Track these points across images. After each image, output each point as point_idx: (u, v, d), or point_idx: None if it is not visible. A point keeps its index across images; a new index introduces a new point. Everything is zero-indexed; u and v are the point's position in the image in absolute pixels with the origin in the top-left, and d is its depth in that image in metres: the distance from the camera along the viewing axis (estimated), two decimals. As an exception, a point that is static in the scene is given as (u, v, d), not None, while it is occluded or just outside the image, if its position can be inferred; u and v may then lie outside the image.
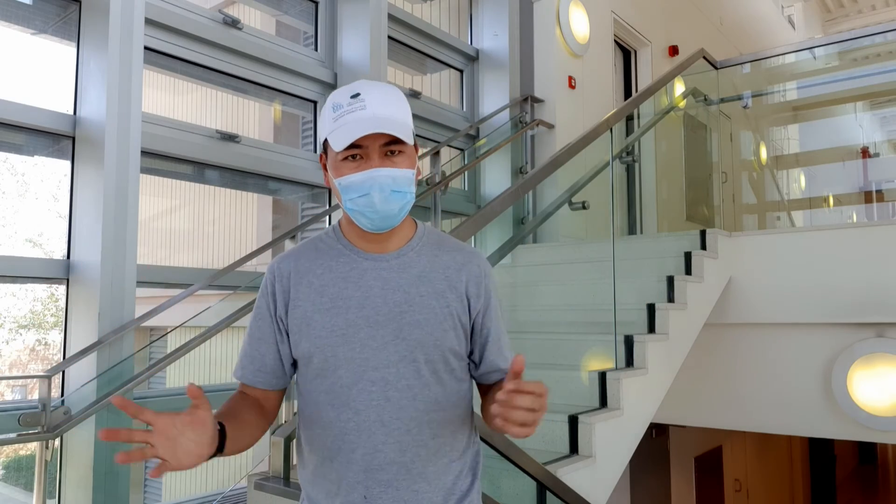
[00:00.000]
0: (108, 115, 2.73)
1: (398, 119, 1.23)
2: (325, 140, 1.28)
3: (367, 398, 1.24)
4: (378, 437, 1.24)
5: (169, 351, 2.71)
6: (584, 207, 4.32)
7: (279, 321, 1.31)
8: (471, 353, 1.36)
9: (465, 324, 1.32)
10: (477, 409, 1.40)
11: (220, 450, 1.15)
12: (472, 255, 1.37)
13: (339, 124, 1.22)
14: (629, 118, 4.79)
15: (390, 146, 1.22)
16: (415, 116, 4.77)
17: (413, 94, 4.42)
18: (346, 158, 1.23)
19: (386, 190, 1.22)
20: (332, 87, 3.92)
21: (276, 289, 1.31)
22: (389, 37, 4.08)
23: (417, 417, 1.25)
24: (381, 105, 1.22)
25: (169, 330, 3.10)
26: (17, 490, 3.03)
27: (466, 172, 4.71)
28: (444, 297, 1.29)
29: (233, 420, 1.22)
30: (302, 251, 1.34)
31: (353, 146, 1.21)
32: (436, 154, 4.02)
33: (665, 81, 4.23)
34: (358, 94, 1.23)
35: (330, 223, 3.66)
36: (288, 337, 1.30)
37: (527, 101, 4.85)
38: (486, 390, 1.38)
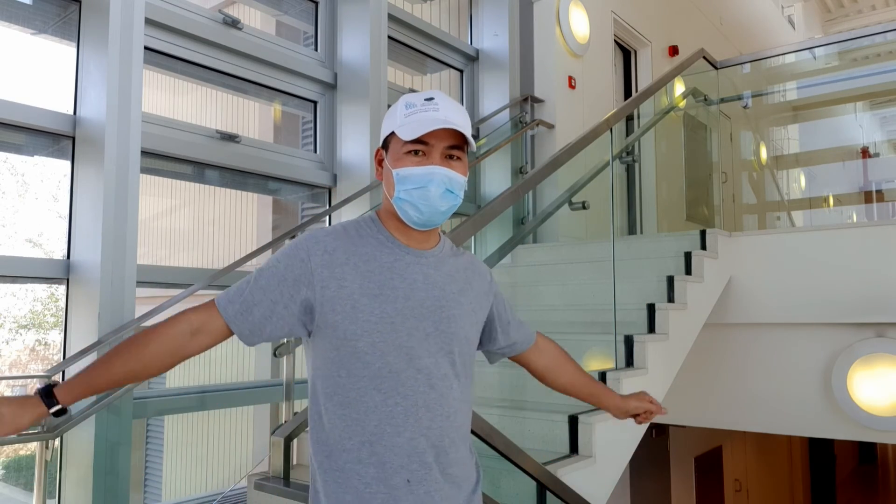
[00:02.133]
0: (108, 115, 2.73)
1: (465, 126, 1.34)
2: (389, 136, 1.36)
3: (413, 385, 1.31)
4: (423, 422, 1.31)
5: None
6: (584, 207, 4.32)
7: (306, 290, 1.30)
8: (493, 335, 1.57)
9: (481, 321, 1.48)
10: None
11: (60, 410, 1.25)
12: (476, 260, 1.55)
13: (411, 120, 1.32)
14: (629, 118, 4.79)
15: (453, 150, 1.34)
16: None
17: (413, 94, 4.41)
18: (409, 152, 1.32)
19: (441, 187, 1.32)
20: (332, 87, 3.92)
21: (315, 261, 1.31)
22: (389, 37, 4.08)
23: (454, 405, 1.36)
24: (453, 111, 1.33)
25: (169, 330, 3.10)
26: (17, 490, 3.03)
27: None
28: (467, 296, 1.42)
29: (102, 367, 1.28)
30: (344, 233, 1.37)
31: (419, 142, 1.31)
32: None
33: (665, 81, 4.22)
34: (432, 98, 1.34)
35: (330, 223, 3.66)
36: (306, 311, 1.31)
37: (527, 101, 4.85)
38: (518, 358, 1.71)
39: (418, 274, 1.36)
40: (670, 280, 3.41)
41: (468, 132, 1.34)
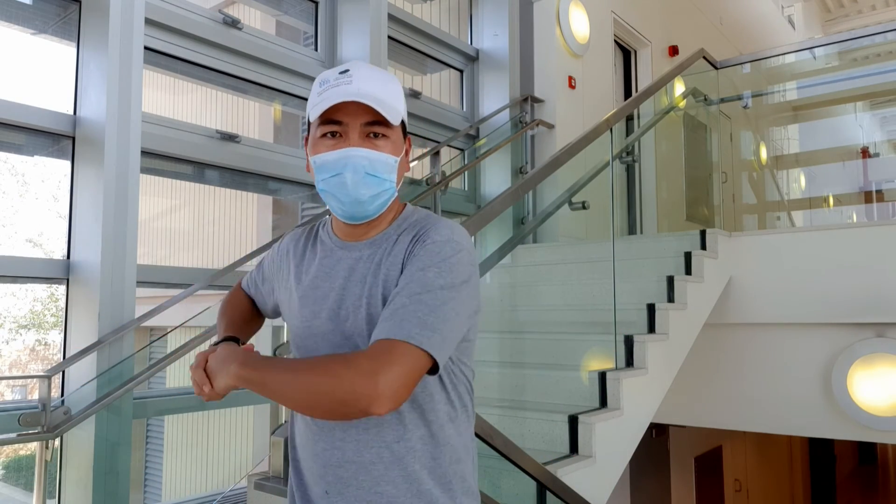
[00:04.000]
0: (108, 115, 2.73)
1: (384, 98, 1.15)
2: (309, 122, 1.21)
3: None
4: (336, 433, 1.18)
5: (169, 351, 2.71)
6: (584, 207, 4.32)
7: (278, 282, 1.38)
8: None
9: None
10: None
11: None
12: (424, 232, 1.19)
13: (322, 98, 1.15)
14: (629, 118, 4.79)
15: (373, 127, 1.16)
16: (415, 116, 4.77)
17: (413, 94, 4.42)
18: (324, 135, 1.16)
19: (360, 172, 1.14)
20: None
21: (283, 260, 1.37)
22: (389, 37, 4.08)
23: (386, 417, 1.16)
24: (368, 81, 1.15)
25: (169, 330, 3.10)
26: (17, 490, 3.03)
27: (466, 172, 4.71)
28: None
29: (241, 325, 1.39)
30: (302, 234, 1.37)
31: (332, 122, 1.15)
32: (436, 154, 4.02)
33: (665, 81, 4.23)
34: (347, 71, 1.16)
35: (330, 223, 3.65)
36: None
37: (527, 101, 4.85)
38: None
39: (343, 269, 1.22)
40: (670, 280, 3.41)
41: (387, 105, 1.15)
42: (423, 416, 1.19)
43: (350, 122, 1.15)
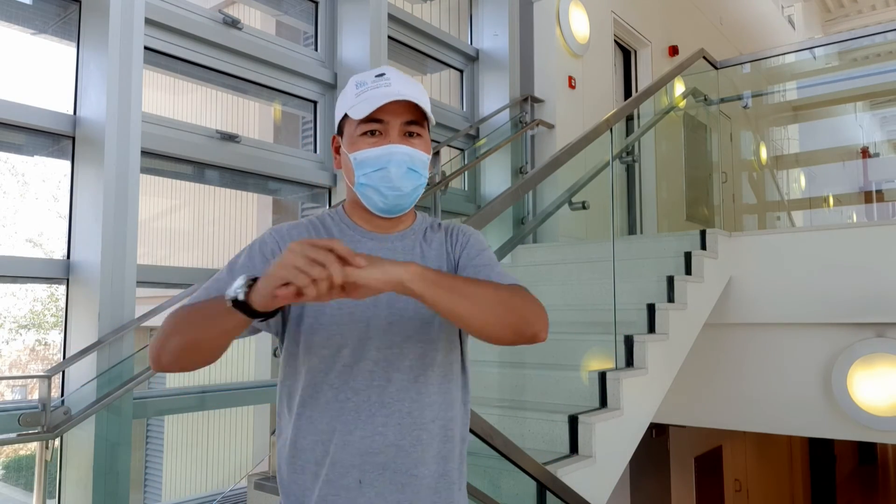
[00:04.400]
0: (108, 115, 2.74)
1: (422, 100, 1.24)
2: (342, 119, 1.28)
3: (367, 379, 1.21)
4: (378, 419, 1.21)
5: (169, 351, 2.70)
6: (584, 207, 4.32)
7: None
8: None
9: None
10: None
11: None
12: (459, 226, 1.38)
13: (363, 98, 1.23)
14: (629, 118, 4.79)
15: (411, 126, 1.24)
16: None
17: (413, 94, 4.41)
18: (364, 133, 1.23)
19: (403, 167, 1.22)
20: (333, 87, 3.92)
21: (279, 249, 1.26)
22: (389, 37, 4.08)
23: (419, 400, 1.23)
24: (406, 85, 1.24)
25: (169, 330, 3.10)
26: (17, 490, 3.03)
27: (466, 172, 4.71)
28: None
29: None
30: (309, 225, 1.33)
31: (374, 120, 1.22)
32: (436, 154, 4.02)
33: (665, 81, 4.23)
34: (383, 74, 1.25)
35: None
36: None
37: (527, 101, 4.85)
38: None
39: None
40: (670, 280, 3.41)
41: (426, 105, 1.25)
42: (451, 397, 1.28)
43: (391, 120, 1.22)
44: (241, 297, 1.01)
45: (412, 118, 1.24)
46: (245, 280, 1.02)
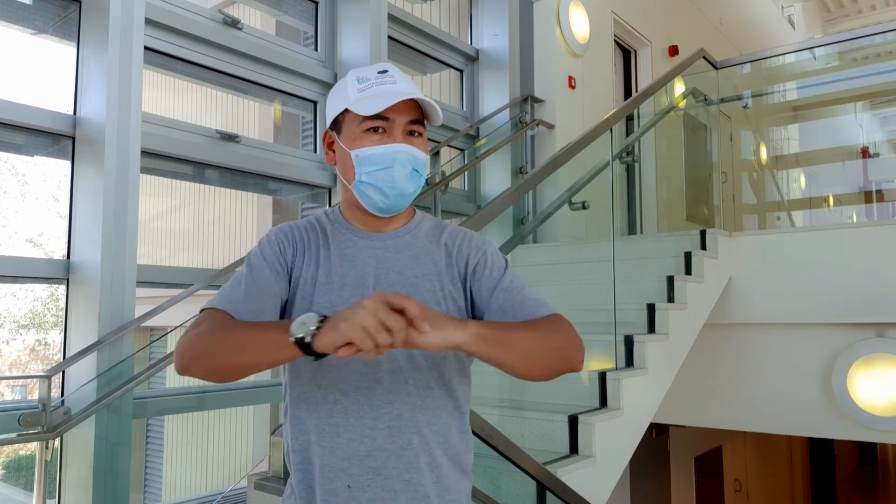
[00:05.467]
0: (108, 115, 2.73)
1: (425, 100, 1.23)
2: (341, 115, 1.25)
3: (356, 380, 1.18)
4: (367, 421, 1.17)
5: (169, 351, 2.71)
6: (584, 207, 4.32)
7: (288, 271, 1.24)
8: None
9: (462, 306, 1.27)
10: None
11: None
12: (470, 235, 1.34)
13: (368, 94, 1.20)
14: (629, 118, 4.79)
15: (414, 125, 1.23)
16: (415, 116, 4.72)
17: (413, 94, 4.41)
18: (368, 130, 1.21)
19: (408, 167, 1.21)
20: (332, 87, 3.92)
21: (286, 248, 1.26)
22: (389, 37, 4.08)
23: (410, 402, 1.19)
24: (409, 84, 1.23)
25: (169, 330, 3.11)
26: (17, 490, 3.04)
27: (466, 172, 4.71)
28: (438, 279, 1.26)
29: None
30: (301, 227, 1.31)
31: (380, 118, 1.20)
32: (436, 154, 4.02)
33: (665, 81, 4.23)
34: (386, 71, 1.23)
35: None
36: (282, 311, 1.24)
37: (527, 101, 4.85)
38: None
39: (370, 258, 1.25)
40: (670, 280, 3.41)
41: (429, 105, 1.23)
42: (452, 397, 1.25)
43: (397, 118, 1.21)
44: (307, 339, 0.99)
45: (416, 117, 1.23)
46: (316, 322, 1.00)
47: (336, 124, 1.27)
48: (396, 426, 1.18)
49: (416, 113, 1.23)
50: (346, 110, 1.23)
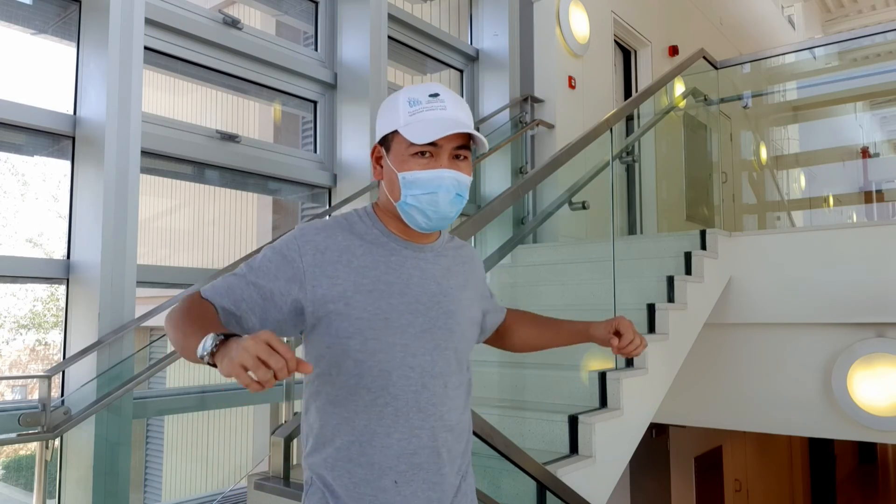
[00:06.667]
0: (108, 115, 2.74)
1: (472, 126, 1.29)
2: (391, 133, 1.28)
3: (404, 384, 1.27)
4: (414, 422, 1.28)
5: (169, 351, 2.71)
6: (584, 207, 4.31)
7: (298, 291, 1.24)
8: (483, 326, 1.55)
9: (478, 317, 1.47)
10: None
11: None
12: (471, 249, 1.52)
13: (418, 119, 1.25)
14: (629, 118, 4.79)
15: (460, 150, 1.28)
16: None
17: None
18: (416, 154, 1.25)
19: (451, 192, 1.27)
20: (333, 87, 3.92)
21: (307, 260, 1.25)
22: (389, 37, 4.08)
23: (448, 404, 1.32)
24: (460, 109, 1.28)
25: (169, 330, 3.09)
26: (17, 490, 3.03)
27: (466, 172, 4.70)
28: (466, 290, 1.40)
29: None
30: (337, 228, 1.31)
31: (429, 143, 1.24)
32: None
33: (665, 81, 4.23)
34: (437, 94, 1.27)
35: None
36: (296, 313, 1.25)
37: (527, 101, 4.85)
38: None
39: (414, 269, 1.32)
40: (670, 280, 3.41)
41: (474, 130, 1.28)
42: (469, 395, 1.41)
43: (445, 145, 1.26)
44: (207, 359, 1.04)
45: (463, 143, 1.27)
46: (211, 347, 1.03)
47: (385, 141, 1.31)
48: (438, 425, 1.30)
49: (464, 139, 1.27)
50: (396, 131, 1.27)
